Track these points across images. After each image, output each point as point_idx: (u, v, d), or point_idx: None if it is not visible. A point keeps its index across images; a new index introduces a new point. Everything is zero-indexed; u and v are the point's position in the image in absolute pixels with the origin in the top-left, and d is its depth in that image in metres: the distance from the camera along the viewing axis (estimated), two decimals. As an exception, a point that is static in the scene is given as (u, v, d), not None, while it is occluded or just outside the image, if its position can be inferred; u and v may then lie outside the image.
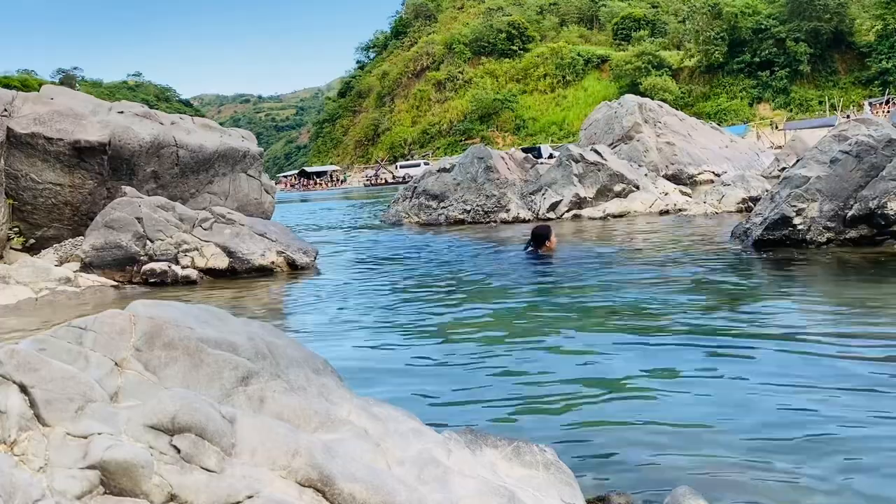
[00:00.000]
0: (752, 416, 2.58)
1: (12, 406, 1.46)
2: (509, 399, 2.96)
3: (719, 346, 3.47)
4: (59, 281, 6.24)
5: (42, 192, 7.73)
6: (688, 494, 1.85)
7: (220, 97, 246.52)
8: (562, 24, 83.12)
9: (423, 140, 77.43)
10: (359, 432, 1.85)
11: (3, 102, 7.75)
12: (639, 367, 3.23)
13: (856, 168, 6.19)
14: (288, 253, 7.33)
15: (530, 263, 6.92)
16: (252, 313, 5.15)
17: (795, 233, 6.28)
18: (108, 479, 1.40)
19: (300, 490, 1.53)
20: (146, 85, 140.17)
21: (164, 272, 6.61)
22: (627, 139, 18.95)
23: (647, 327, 3.92)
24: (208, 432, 1.55)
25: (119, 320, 1.83)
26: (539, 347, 3.71)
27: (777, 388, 2.84)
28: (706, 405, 2.72)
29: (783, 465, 2.18)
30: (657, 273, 5.75)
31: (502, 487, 1.74)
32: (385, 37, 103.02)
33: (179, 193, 8.73)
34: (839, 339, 3.44)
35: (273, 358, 2.02)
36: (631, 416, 2.67)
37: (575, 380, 3.15)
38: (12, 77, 62.98)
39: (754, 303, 4.46)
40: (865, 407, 2.59)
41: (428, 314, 4.82)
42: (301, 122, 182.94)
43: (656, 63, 63.93)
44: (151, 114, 9.01)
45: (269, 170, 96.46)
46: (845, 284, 4.90)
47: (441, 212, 12.82)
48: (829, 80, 56.98)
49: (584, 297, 5.23)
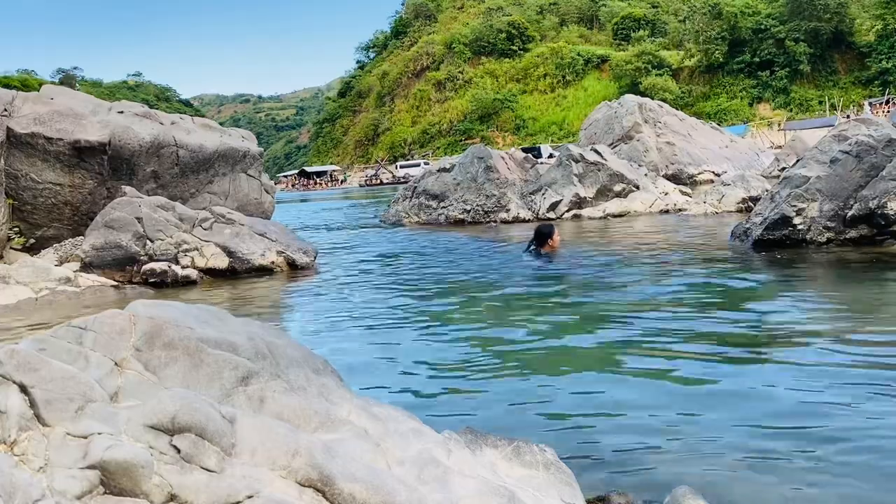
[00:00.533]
0: (752, 416, 2.58)
1: (12, 406, 1.46)
2: (509, 399, 2.96)
3: (719, 347, 3.47)
4: (59, 281, 6.24)
5: (42, 191, 7.73)
6: (688, 494, 1.85)
7: (220, 97, 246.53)
8: (562, 24, 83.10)
9: (423, 140, 77.42)
10: (359, 432, 1.85)
11: (3, 102, 7.75)
12: (639, 368, 3.23)
13: (856, 168, 6.19)
14: (288, 253, 7.33)
15: (530, 263, 6.92)
16: (252, 313, 5.15)
17: (795, 233, 6.28)
18: (108, 479, 1.40)
19: (300, 490, 1.53)
20: (146, 85, 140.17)
21: (164, 272, 6.61)
22: (627, 139, 18.95)
23: (646, 328, 3.92)
24: (208, 432, 1.55)
25: (119, 320, 1.83)
26: (539, 347, 3.71)
27: (777, 389, 2.84)
28: (706, 405, 2.72)
29: (783, 465, 2.18)
30: (657, 273, 5.75)
31: (502, 487, 1.74)
32: (385, 37, 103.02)
33: (179, 193, 8.73)
34: (840, 339, 3.44)
35: (273, 358, 2.02)
36: (631, 416, 2.67)
37: (575, 380, 3.15)
38: (12, 77, 62.98)
39: (754, 303, 4.45)
40: (866, 407, 2.59)
41: (428, 314, 4.82)
42: (301, 122, 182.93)
43: (656, 63, 63.91)
44: (151, 114, 9.01)
45: (269, 170, 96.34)
46: (845, 284, 4.90)
47: (441, 212, 12.82)
48: (829, 80, 56.96)
49: (584, 297, 5.23)
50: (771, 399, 2.73)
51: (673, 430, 2.50)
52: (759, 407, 2.67)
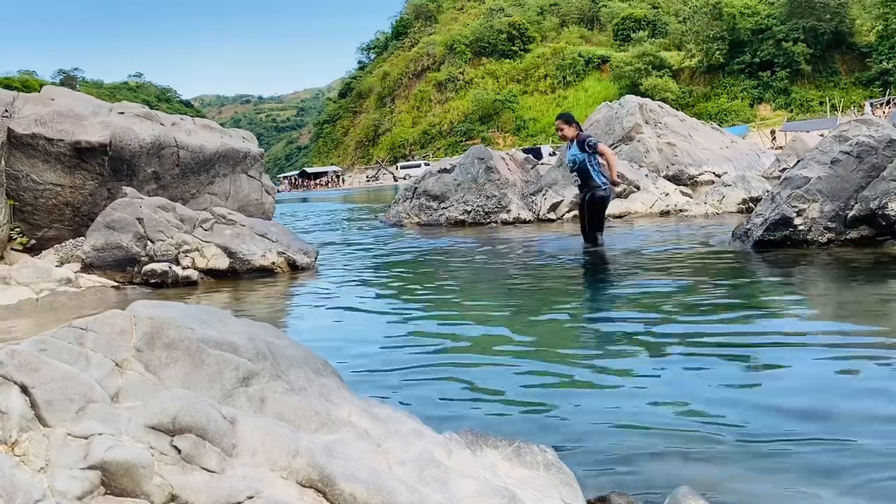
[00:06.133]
0: (752, 416, 2.58)
1: (13, 406, 1.46)
2: (510, 399, 2.96)
3: (719, 347, 3.46)
4: (59, 281, 6.24)
5: (43, 192, 7.73)
6: (688, 494, 1.85)
7: (221, 98, 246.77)
8: (562, 25, 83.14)
9: (424, 141, 77.48)
10: (359, 433, 1.85)
11: (3, 103, 7.75)
12: (639, 368, 3.23)
13: (856, 168, 6.19)
14: (288, 253, 7.33)
15: (530, 264, 6.92)
16: (252, 314, 5.16)
17: (796, 233, 6.28)
18: (109, 480, 1.40)
19: (301, 490, 1.53)
20: (147, 86, 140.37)
21: (165, 273, 6.62)
22: (628, 140, 18.94)
23: (646, 328, 3.92)
24: (209, 433, 1.55)
25: (120, 321, 1.83)
26: (539, 348, 3.71)
27: (777, 389, 2.84)
28: (706, 405, 2.72)
29: (783, 465, 2.18)
30: (657, 274, 5.74)
31: (503, 488, 1.74)
32: (386, 37, 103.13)
33: (180, 194, 8.74)
34: (840, 340, 3.44)
35: (274, 358, 2.02)
36: (631, 416, 2.67)
37: (575, 380, 3.15)
38: (13, 78, 63.10)
39: (754, 303, 4.45)
40: (866, 408, 2.59)
41: (428, 314, 4.83)
42: (302, 122, 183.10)
43: (657, 64, 63.94)
44: (152, 114, 9.02)
45: (270, 170, 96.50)
46: (846, 285, 4.90)
47: (442, 212, 12.81)
48: (829, 80, 56.99)
49: (584, 297, 5.23)
50: (771, 399, 2.73)
51: (673, 430, 2.50)
52: (760, 407, 2.67)
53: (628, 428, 2.56)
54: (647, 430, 2.51)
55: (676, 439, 2.42)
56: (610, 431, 2.54)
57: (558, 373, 3.27)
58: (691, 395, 2.86)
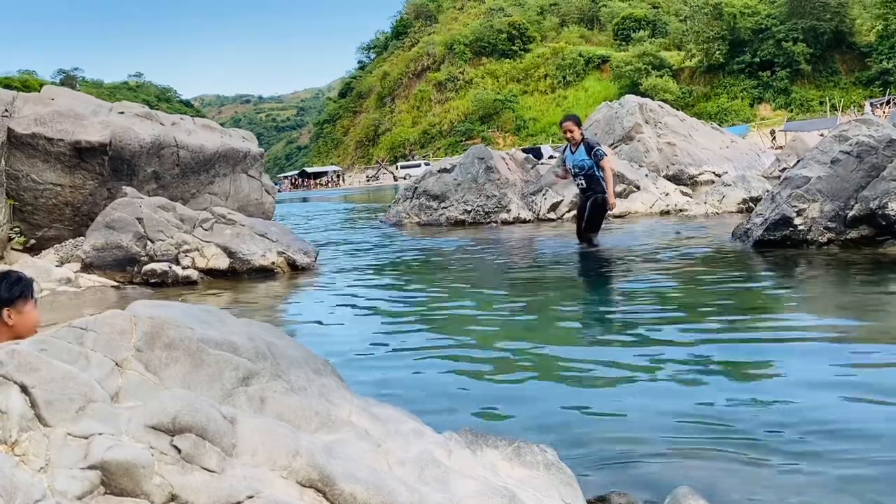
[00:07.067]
0: (752, 416, 2.58)
1: (13, 406, 1.46)
2: (510, 399, 2.96)
3: (720, 347, 3.47)
4: (59, 281, 6.24)
5: (43, 192, 7.73)
6: (688, 494, 1.85)
7: (221, 98, 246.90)
8: (562, 25, 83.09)
9: (424, 140, 77.44)
10: (359, 433, 1.85)
11: (3, 103, 7.76)
12: (639, 368, 3.23)
13: (856, 168, 6.19)
14: (288, 253, 7.33)
15: (530, 264, 6.92)
16: (252, 314, 5.16)
17: (796, 233, 6.27)
18: (109, 480, 1.40)
19: (301, 490, 1.53)
20: (147, 85, 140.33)
21: (165, 273, 6.62)
22: (628, 140, 18.93)
23: (647, 328, 3.92)
24: (209, 433, 1.55)
25: (120, 321, 1.83)
26: (539, 348, 3.71)
27: (777, 389, 2.84)
28: (706, 405, 2.72)
29: (784, 465, 2.18)
30: (658, 273, 5.74)
31: (503, 488, 1.74)
32: (386, 37, 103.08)
33: (180, 194, 8.74)
34: (840, 340, 3.44)
35: (273, 358, 2.02)
36: (631, 416, 2.67)
37: (575, 380, 3.15)
38: (13, 77, 63.07)
39: (754, 303, 4.45)
40: (866, 408, 2.59)
41: (428, 314, 4.83)
42: (302, 122, 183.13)
43: (657, 63, 63.89)
44: (152, 114, 9.02)
45: (270, 170, 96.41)
46: (846, 285, 4.90)
47: (442, 212, 12.81)
48: (829, 80, 56.94)
49: (584, 298, 5.24)
50: (771, 399, 2.73)
51: (673, 430, 2.50)
52: (760, 407, 2.67)
53: (628, 428, 2.56)
54: (647, 430, 2.51)
55: (676, 439, 2.42)
56: (610, 431, 2.54)
57: (558, 372, 3.27)
58: (691, 395, 2.86)
